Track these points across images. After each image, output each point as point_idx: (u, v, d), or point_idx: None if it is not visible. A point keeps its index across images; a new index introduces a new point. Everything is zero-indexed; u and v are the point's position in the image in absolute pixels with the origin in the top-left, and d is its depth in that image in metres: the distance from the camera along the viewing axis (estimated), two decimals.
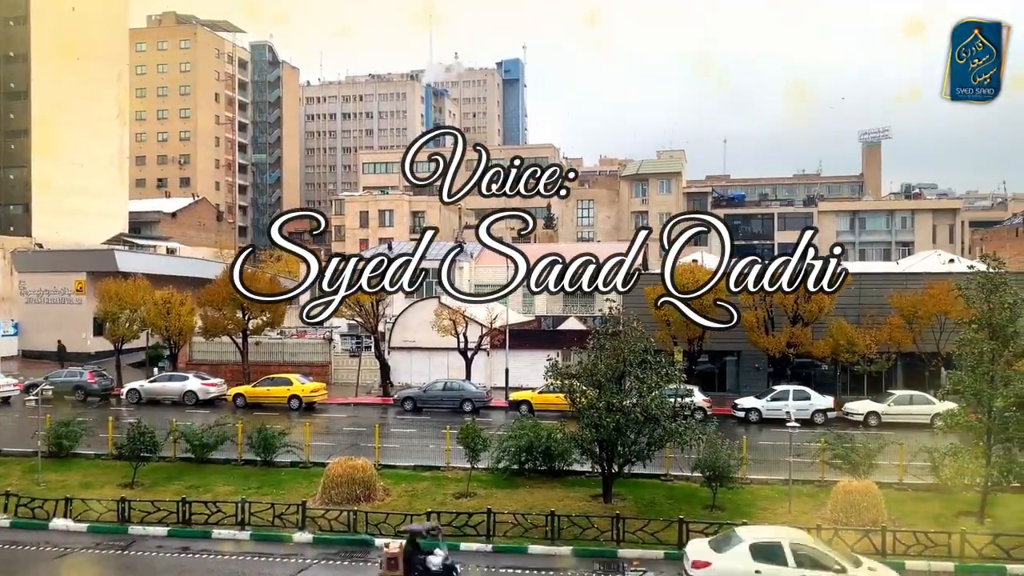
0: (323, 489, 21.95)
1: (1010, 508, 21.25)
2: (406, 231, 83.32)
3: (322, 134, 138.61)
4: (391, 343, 45.17)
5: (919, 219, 77.22)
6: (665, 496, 22.50)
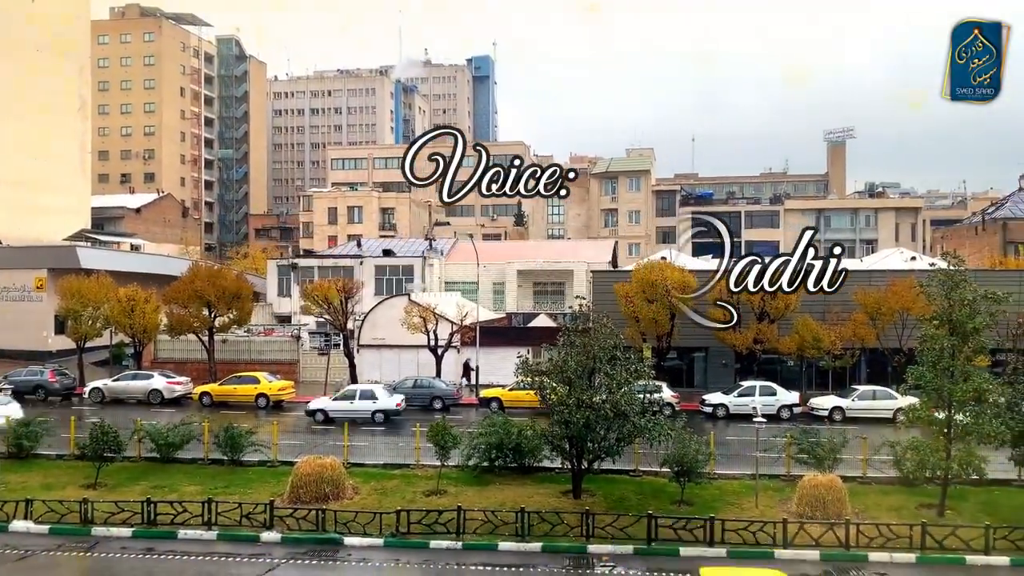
0: (291, 488, 21.77)
1: (969, 500, 21.77)
2: (375, 227, 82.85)
3: (290, 130, 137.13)
4: (360, 341, 44.88)
5: (882, 217, 78.64)
6: (634, 492, 22.67)
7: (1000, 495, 22.41)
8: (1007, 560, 18.24)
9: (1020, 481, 23.28)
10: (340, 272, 52.33)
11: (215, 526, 20.09)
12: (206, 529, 20.02)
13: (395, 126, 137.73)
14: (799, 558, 18.50)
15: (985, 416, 19.79)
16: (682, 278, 37.90)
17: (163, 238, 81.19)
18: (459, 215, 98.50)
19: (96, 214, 75.09)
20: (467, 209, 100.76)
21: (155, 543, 19.53)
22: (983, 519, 19.66)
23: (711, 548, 18.78)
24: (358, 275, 52.08)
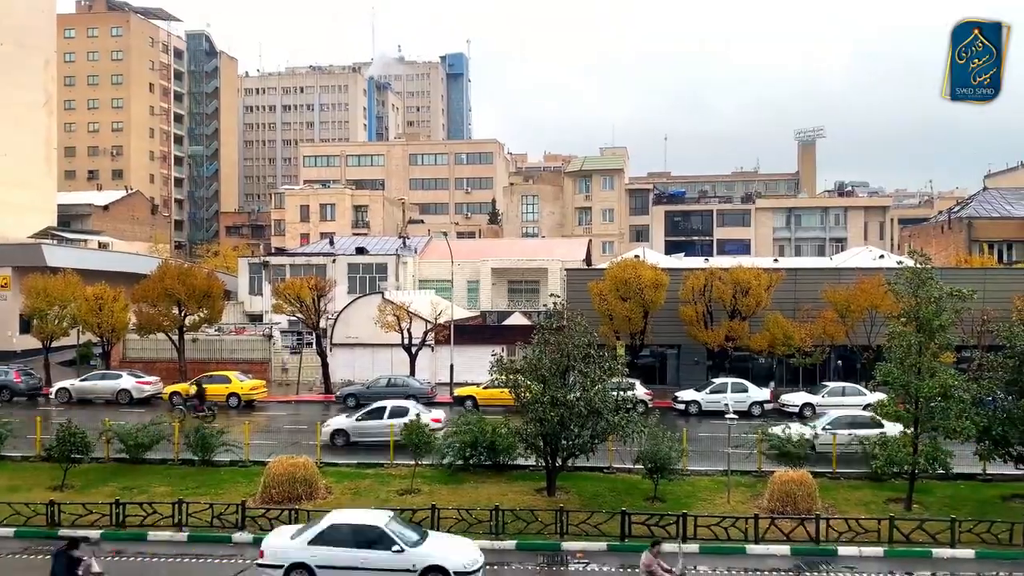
0: (263, 488, 21.57)
1: (935, 494, 22.17)
2: (348, 225, 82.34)
3: (262, 126, 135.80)
4: (333, 339, 44.59)
5: (851, 216, 79.72)
6: (608, 488, 22.77)
7: (965, 489, 22.85)
8: (972, 553, 18.60)
9: (985, 475, 23.76)
10: (312, 270, 51.98)
11: (186, 527, 19.85)
12: (176, 530, 19.77)
13: (368, 123, 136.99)
14: (770, 553, 18.70)
15: (951, 412, 20.14)
16: (655, 276, 38.17)
17: (132, 236, 79.93)
18: (433, 213, 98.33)
19: (62, 211, 73.73)
20: (441, 207, 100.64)
21: (124, 545, 19.23)
22: (949, 513, 20.02)
23: (684, 544, 18.89)
24: (331, 273, 51.74)
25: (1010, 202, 58.18)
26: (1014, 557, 18.50)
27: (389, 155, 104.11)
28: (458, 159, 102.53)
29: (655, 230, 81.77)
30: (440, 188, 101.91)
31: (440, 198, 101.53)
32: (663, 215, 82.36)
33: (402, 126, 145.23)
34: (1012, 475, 22.95)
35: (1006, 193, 61.64)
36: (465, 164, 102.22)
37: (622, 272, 38.38)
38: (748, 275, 38.22)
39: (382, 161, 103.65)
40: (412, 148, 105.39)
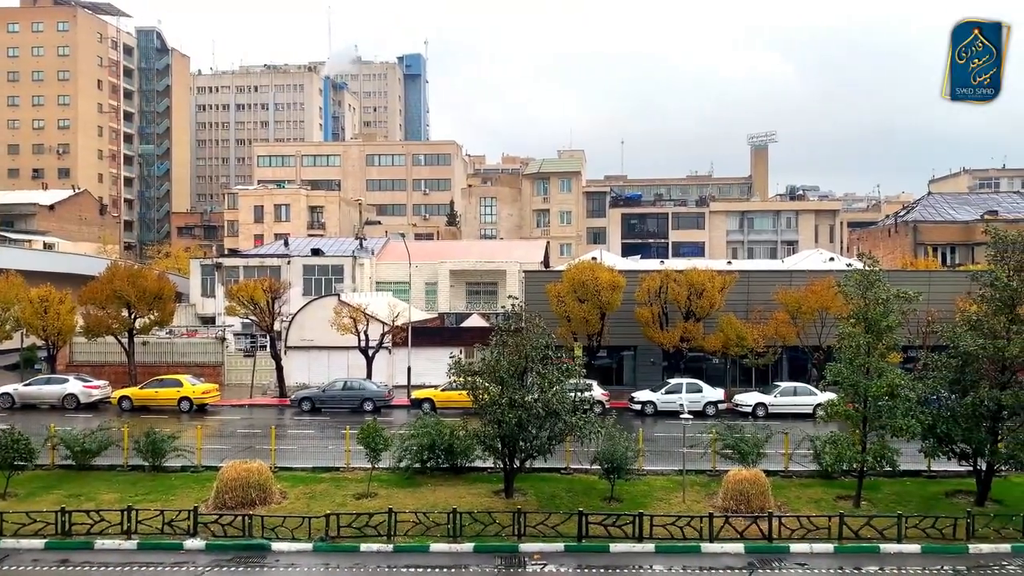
0: (216, 493, 21.18)
1: (882, 491, 22.75)
2: (304, 226, 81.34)
3: (215, 125, 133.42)
4: (288, 342, 44.03)
5: (802, 219, 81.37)
6: (565, 489, 22.87)
7: (911, 486, 23.48)
8: (918, 548, 19.13)
9: (929, 472, 24.45)
10: (267, 272, 51.25)
11: (135, 535, 19.38)
12: (125, 538, 19.28)
13: (324, 123, 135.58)
14: (724, 551, 18.97)
15: (898, 410, 20.68)
16: (612, 278, 38.49)
17: (79, 236, 77.84)
18: (390, 214, 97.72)
19: (5, 211, 71.59)
20: (399, 208, 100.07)
21: (70, 554, 18.71)
22: (896, 509, 20.58)
23: (640, 544, 19.10)
24: (285, 275, 51.08)
25: (953, 207, 60.05)
26: (957, 551, 19.09)
27: (345, 155, 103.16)
28: (416, 160, 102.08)
29: (612, 232, 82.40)
30: (397, 189, 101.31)
31: (397, 199, 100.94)
32: (620, 218, 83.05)
33: (359, 126, 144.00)
34: (955, 471, 23.65)
35: (949, 198, 63.62)
36: (423, 165, 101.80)
37: (580, 274, 38.63)
38: (702, 277, 38.77)
39: (338, 161, 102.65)
40: (369, 148, 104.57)
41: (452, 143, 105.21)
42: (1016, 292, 20.80)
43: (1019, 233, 21.62)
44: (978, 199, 62.71)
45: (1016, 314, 20.92)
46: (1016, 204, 59.86)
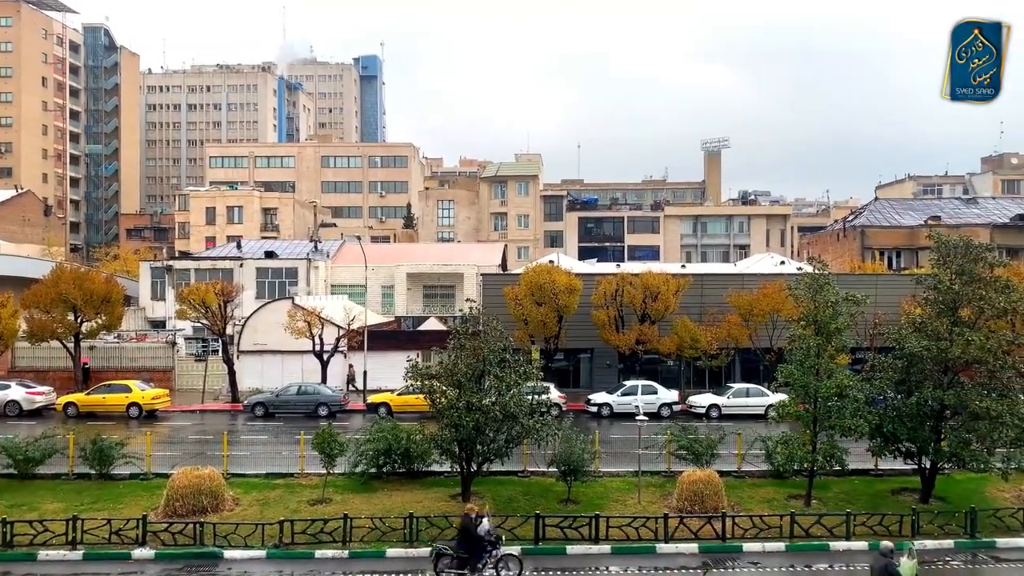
0: (166, 501, 20.72)
1: (832, 490, 23.26)
2: (257, 228, 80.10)
3: (165, 125, 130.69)
4: (240, 346, 43.31)
5: (754, 224, 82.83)
6: (522, 492, 22.90)
7: (860, 484, 24.05)
8: (865, 545, 19.59)
9: (877, 471, 25.09)
10: (219, 275, 50.40)
11: (81, 545, 18.84)
12: (70, 549, 18.73)
13: (279, 124, 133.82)
14: (679, 551, 19.19)
15: (846, 411, 21.16)
16: (569, 281, 38.70)
17: (22, 238, 75.44)
18: (346, 216, 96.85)
19: None
20: (355, 210, 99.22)
21: (11, 566, 18.10)
22: (845, 507, 21.05)
23: (596, 545, 19.22)
24: (238, 278, 50.27)
25: (898, 212, 61.74)
26: (902, 547, 19.58)
27: (300, 156, 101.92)
28: (372, 162, 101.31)
29: (569, 236, 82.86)
30: (353, 191, 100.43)
31: (353, 201, 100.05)
32: (576, 221, 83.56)
33: (314, 127, 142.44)
34: (901, 470, 24.31)
35: (895, 204, 65.40)
36: (379, 167, 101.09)
37: (537, 277, 38.75)
38: (657, 280, 39.21)
39: (293, 163, 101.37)
40: (324, 150, 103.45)
41: (409, 145, 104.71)
42: (958, 295, 21.46)
43: (961, 238, 22.32)
44: (922, 205, 64.56)
45: (958, 316, 21.58)
46: (958, 210, 61.78)
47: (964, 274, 21.52)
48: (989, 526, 20.44)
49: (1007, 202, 65.42)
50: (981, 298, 21.20)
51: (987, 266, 21.60)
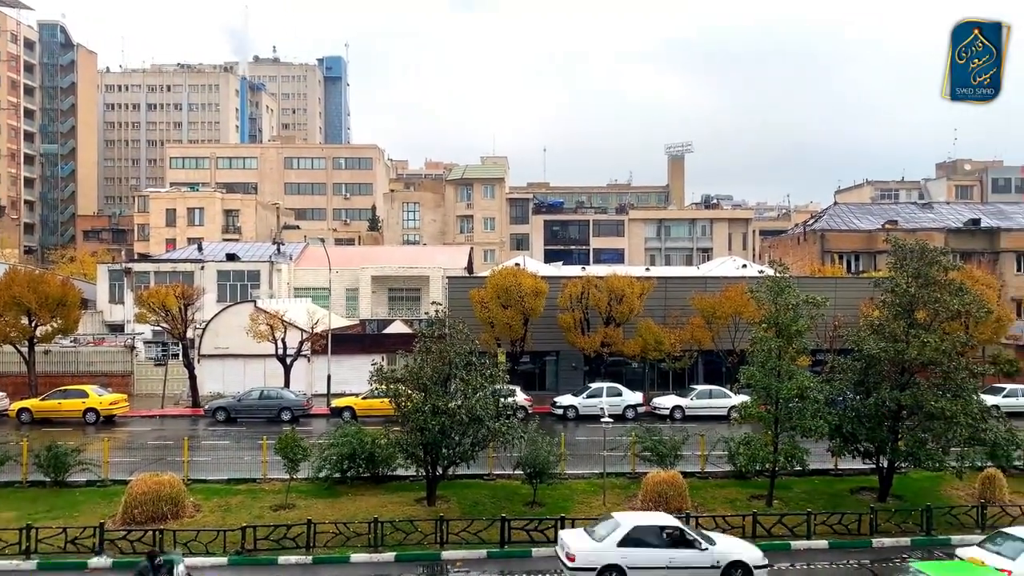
0: (125, 508, 20.29)
1: (793, 490, 23.61)
2: (218, 230, 78.93)
3: (124, 125, 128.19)
4: (201, 350, 42.62)
5: (717, 227, 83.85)
6: (488, 495, 22.87)
7: (820, 484, 24.45)
8: (826, 543, 19.95)
9: (836, 471, 25.54)
10: (179, 277, 49.57)
11: (35, 554, 18.36)
12: (24, 559, 18.25)
13: (241, 125, 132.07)
14: None
15: (807, 412, 21.50)
16: (535, 284, 38.79)
17: None
18: (310, 219, 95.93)
19: None
20: (318, 212, 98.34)
21: None
22: (806, 507, 21.38)
23: None
24: (199, 281, 49.49)
25: (857, 216, 62.95)
26: (862, 545, 19.99)
27: (263, 158, 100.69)
28: (336, 164, 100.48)
29: (535, 239, 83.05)
30: (317, 193, 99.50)
31: (317, 203, 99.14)
32: (542, 224, 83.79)
33: (277, 128, 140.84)
34: (860, 469, 24.77)
35: (853, 208, 66.67)
36: (344, 169, 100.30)
37: (503, 280, 38.77)
38: (622, 283, 39.49)
39: (255, 164, 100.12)
40: (287, 151, 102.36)
41: (374, 147, 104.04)
42: (914, 298, 21.94)
43: (917, 242, 22.84)
44: (880, 209, 65.94)
45: (914, 319, 22.05)
46: (914, 214, 63.19)
47: (920, 277, 22.00)
48: (944, 524, 20.93)
49: (960, 207, 67.18)
50: (936, 301, 21.69)
51: (942, 269, 22.12)
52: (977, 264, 47.50)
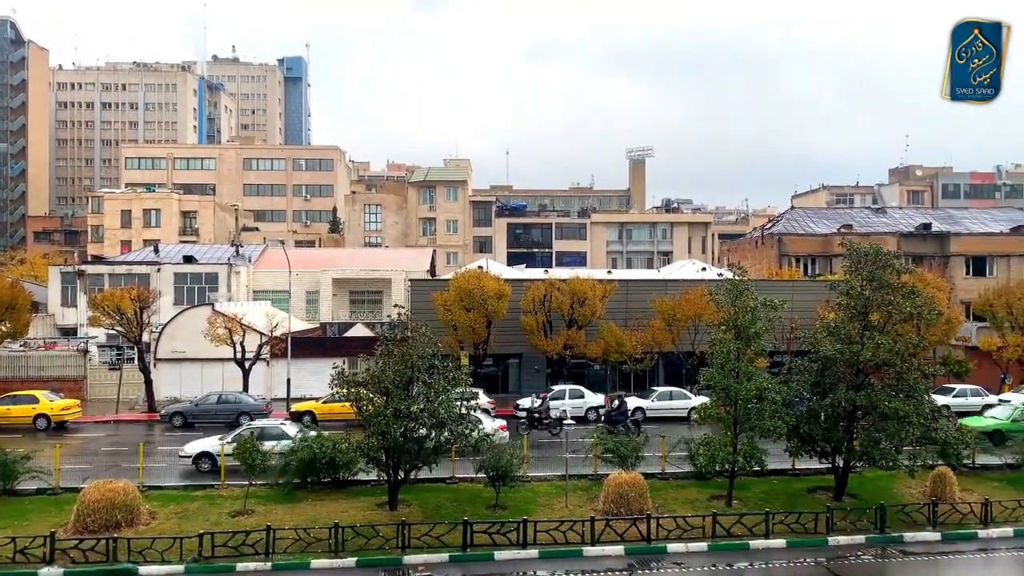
0: (77, 517, 19.79)
1: (752, 490, 23.95)
2: (175, 232, 77.53)
3: (78, 124, 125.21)
4: (158, 354, 41.82)
5: (677, 231, 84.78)
6: (450, 499, 22.79)
7: (778, 484, 24.84)
8: (784, 542, 20.26)
9: (794, 470, 25.97)
10: (135, 280, 48.57)
11: None
12: None
13: (199, 125, 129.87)
14: (605, 554, 19.42)
15: (765, 412, 21.83)
16: (498, 287, 38.80)
17: None
18: (270, 220, 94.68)
19: None
20: (278, 214, 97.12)
21: None
22: (764, 506, 21.70)
23: (524, 550, 19.28)
24: (155, 283, 48.57)
25: (813, 220, 64.14)
26: (818, 544, 20.35)
27: (221, 158, 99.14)
28: (296, 165, 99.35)
29: (498, 242, 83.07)
30: (277, 194, 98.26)
31: (277, 205, 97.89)
32: (505, 227, 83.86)
33: (236, 129, 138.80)
34: (816, 469, 25.23)
35: (810, 212, 67.92)
36: (304, 170, 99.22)
37: (466, 283, 38.72)
38: (584, 286, 39.70)
39: (213, 165, 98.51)
40: (247, 152, 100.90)
41: (335, 148, 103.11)
42: (869, 301, 22.42)
43: (871, 246, 23.35)
44: (835, 214, 67.23)
45: (869, 321, 22.53)
46: (868, 219, 64.59)
47: (874, 281, 22.48)
48: (897, 521, 21.41)
49: (912, 212, 68.84)
50: (889, 303, 22.19)
51: (895, 273, 22.63)
52: (928, 268, 48.69)
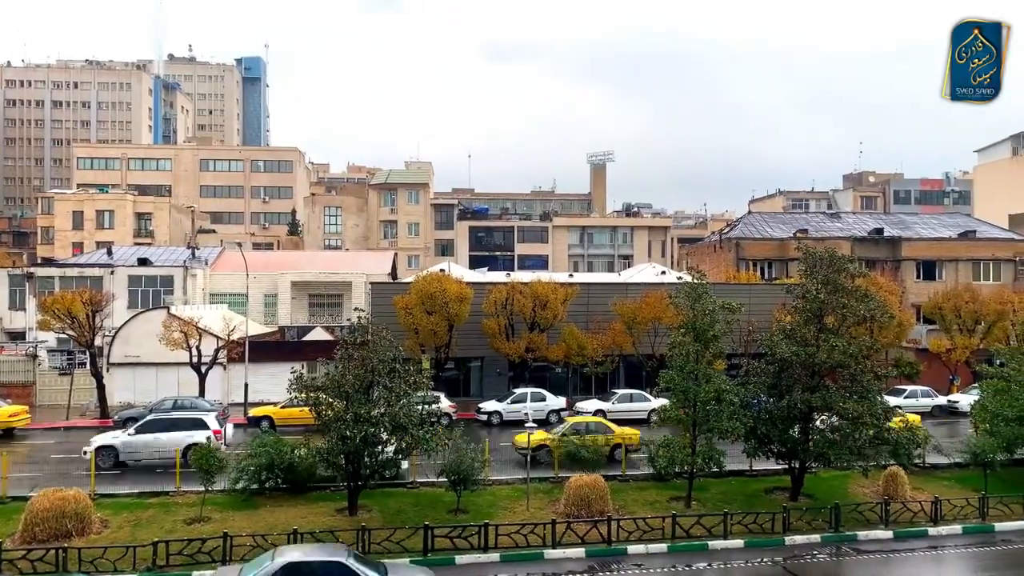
0: (25, 526, 19.24)
1: (710, 491, 24.25)
2: (130, 234, 75.87)
3: (26, 123, 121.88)
4: (111, 359, 40.86)
5: (637, 235, 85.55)
6: (411, 504, 22.66)
7: (736, 484, 25.19)
8: (742, 542, 20.54)
9: (752, 471, 26.35)
10: (87, 283, 47.37)
11: None
12: None
13: (154, 125, 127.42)
14: (567, 556, 19.49)
15: (723, 414, 22.13)
16: (460, 290, 38.69)
17: None
18: (227, 222, 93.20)
19: None
20: (236, 216, 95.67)
21: None
22: (723, 507, 21.99)
23: (485, 554, 19.24)
24: (108, 286, 47.44)
25: (770, 225, 65.20)
26: (775, 543, 20.67)
27: (177, 159, 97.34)
28: (255, 166, 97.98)
29: (460, 245, 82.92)
30: (235, 196, 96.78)
31: (235, 207, 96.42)
32: (467, 230, 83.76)
33: (192, 129, 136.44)
34: (773, 470, 25.64)
35: (767, 217, 69.03)
36: (263, 172, 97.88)
37: (428, 286, 38.54)
38: (546, 289, 39.81)
39: (169, 166, 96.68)
40: (203, 153, 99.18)
41: (294, 149, 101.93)
42: (824, 304, 22.87)
43: (826, 250, 23.83)
44: (791, 218, 68.40)
45: (824, 324, 22.99)
46: (823, 223, 65.85)
47: (829, 284, 22.95)
48: (852, 520, 21.86)
49: (865, 217, 70.39)
50: (844, 306, 22.67)
51: (849, 276, 23.14)
52: (881, 271, 49.78)
